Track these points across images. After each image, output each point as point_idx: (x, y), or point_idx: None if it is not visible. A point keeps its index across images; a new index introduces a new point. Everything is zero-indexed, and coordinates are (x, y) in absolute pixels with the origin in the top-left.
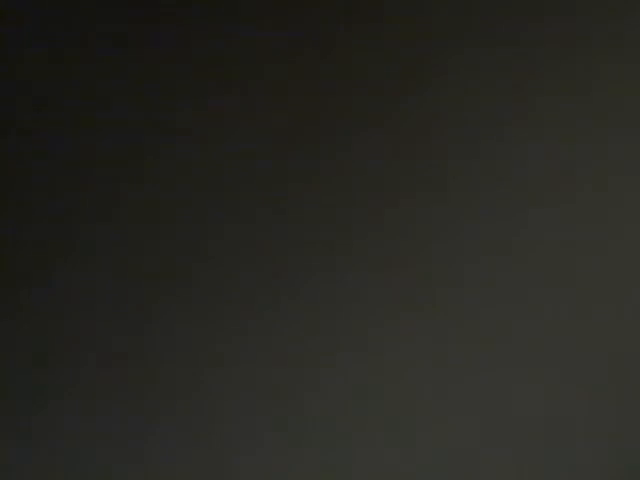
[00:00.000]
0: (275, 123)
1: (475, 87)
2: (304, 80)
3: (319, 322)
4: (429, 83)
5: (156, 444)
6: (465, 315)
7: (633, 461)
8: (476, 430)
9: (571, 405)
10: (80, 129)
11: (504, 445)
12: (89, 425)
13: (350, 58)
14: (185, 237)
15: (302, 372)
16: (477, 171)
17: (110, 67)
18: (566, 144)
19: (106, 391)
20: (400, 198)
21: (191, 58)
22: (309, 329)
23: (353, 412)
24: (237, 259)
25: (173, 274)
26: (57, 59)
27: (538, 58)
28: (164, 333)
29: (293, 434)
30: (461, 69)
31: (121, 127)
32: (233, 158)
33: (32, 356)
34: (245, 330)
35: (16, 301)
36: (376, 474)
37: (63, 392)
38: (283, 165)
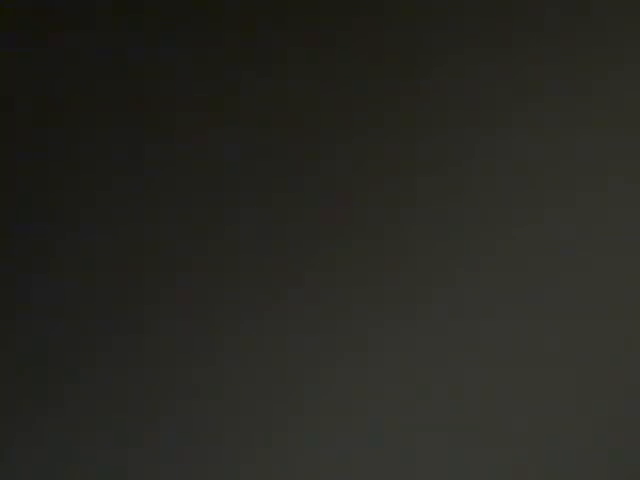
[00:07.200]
0: (274, 123)
1: (475, 87)
2: (304, 80)
3: (319, 322)
4: (429, 83)
5: (156, 444)
6: (465, 315)
7: (633, 461)
8: (476, 430)
9: (571, 405)
10: (80, 129)
11: (504, 446)
12: (89, 425)
13: (350, 58)
14: (185, 236)
15: (302, 372)
16: (476, 171)
17: (110, 67)
18: (566, 143)
19: (106, 391)
20: (400, 198)
21: (190, 58)
22: (309, 329)
23: (353, 412)
24: (237, 259)
25: (173, 274)
26: (57, 58)
27: (538, 58)
28: (164, 333)
29: (293, 434)
30: (461, 69)
31: (121, 126)
32: (233, 158)
33: (32, 356)
34: (245, 330)
35: (16, 301)
36: (376, 474)
37: (63, 392)
38: (282, 165)
